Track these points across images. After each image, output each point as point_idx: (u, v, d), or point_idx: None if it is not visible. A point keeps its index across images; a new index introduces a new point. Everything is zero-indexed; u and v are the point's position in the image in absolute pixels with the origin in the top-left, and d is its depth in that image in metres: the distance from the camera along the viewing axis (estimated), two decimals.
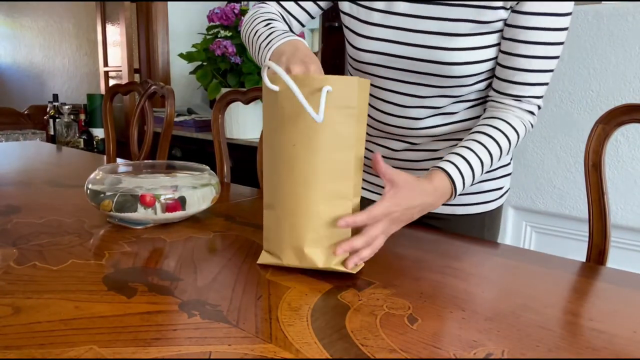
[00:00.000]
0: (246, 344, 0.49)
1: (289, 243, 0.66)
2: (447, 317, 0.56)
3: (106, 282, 0.63)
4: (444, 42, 0.80)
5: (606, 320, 0.56)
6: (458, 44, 0.80)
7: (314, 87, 0.62)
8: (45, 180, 1.22)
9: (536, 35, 0.78)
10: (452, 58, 0.80)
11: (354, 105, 0.63)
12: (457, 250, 0.80)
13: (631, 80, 1.52)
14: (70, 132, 3.19)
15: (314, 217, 0.64)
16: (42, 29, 4.75)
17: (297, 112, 0.62)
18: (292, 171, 0.64)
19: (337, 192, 0.64)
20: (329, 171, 0.64)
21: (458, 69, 0.81)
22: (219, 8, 2.18)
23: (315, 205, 0.64)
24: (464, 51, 0.80)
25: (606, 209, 0.83)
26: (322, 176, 0.64)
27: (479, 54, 0.81)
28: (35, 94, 4.86)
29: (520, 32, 0.78)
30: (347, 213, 0.65)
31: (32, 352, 0.46)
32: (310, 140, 0.63)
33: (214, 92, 2.16)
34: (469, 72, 0.82)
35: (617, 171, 1.57)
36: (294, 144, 0.63)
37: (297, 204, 0.65)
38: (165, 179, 0.92)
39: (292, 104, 0.62)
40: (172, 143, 2.40)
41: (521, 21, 0.78)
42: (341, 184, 0.64)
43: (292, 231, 0.65)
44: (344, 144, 0.63)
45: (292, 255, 0.66)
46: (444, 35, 0.80)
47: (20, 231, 0.82)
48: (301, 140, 0.63)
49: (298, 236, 0.65)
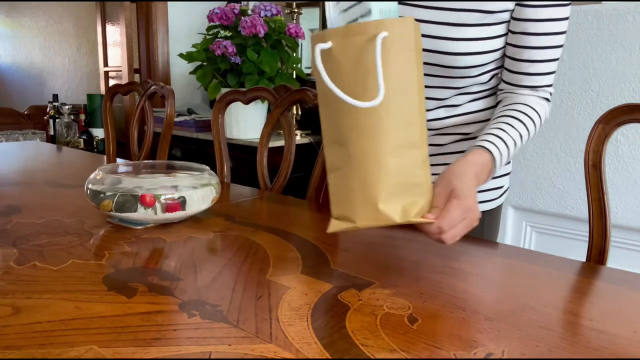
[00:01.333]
0: (246, 344, 0.49)
1: (361, 202, 0.63)
2: (447, 317, 0.56)
3: (106, 282, 0.63)
4: (449, 32, 0.81)
5: (606, 320, 0.55)
6: (463, 34, 0.81)
7: (370, 33, 0.59)
8: (45, 180, 1.22)
9: (546, 26, 0.80)
10: (457, 48, 0.81)
11: (412, 48, 0.61)
12: (457, 250, 0.80)
13: (631, 80, 1.52)
14: (70, 132, 3.19)
15: (384, 170, 0.61)
16: (42, 29, 4.76)
17: (354, 62, 0.60)
18: (356, 124, 0.62)
19: (405, 140, 0.62)
20: (394, 118, 0.61)
21: (463, 59, 0.82)
22: (219, 8, 2.18)
23: (385, 156, 0.61)
24: (469, 41, 0.82)
25: (606, 208, 0.83)
26: (387, 124, 0.61)
27: (484, 45, 0.83)
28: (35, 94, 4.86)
29: (532, 24, 0.80)
30: (417, 164, 0.63)
31: (32, 352, 0.46)
32: (372, 88, 0.60)
33: (214, 92, 2.16)
34: (474, 63, 0.83)
35: (617, 171, 1.57)
36: (355, 95, 0.60)
37: (366, 157, 0.62)
38: (165, 179, 0.92)
39: (348, 56, 0.60)
40: (172, 143, 2.40)
41: (531, 14, 0.80)
42: (408, 131, 0.62)
43: (363, 189, 0.62)
44: (407, 89, 0.61)
45: (366, 214, 0.63)
46: (450, 25, 0.81)
47: (20, 231, 0.82)
48: (363, 90, 0.60)
49: (370, 193, 0.62)
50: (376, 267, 0.70)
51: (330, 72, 0.61)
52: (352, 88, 0.60)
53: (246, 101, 1.33)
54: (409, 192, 0.63)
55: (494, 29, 0.82)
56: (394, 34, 0.59)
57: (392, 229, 0.90)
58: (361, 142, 0.62)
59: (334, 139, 0.65)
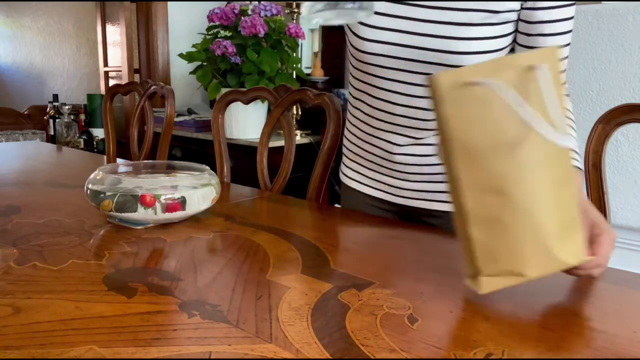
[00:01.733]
0: (246, 344, 0.49)
1: (533, 252, 0.57)
2: (447, 317, 0.56)
3: (106, 282, 0.63)
4: (455, 32, 0.82)
5: (606, 320, 0.55)
6: (469, 34, 0.82)
7: (524, 65, 0.53)
8: (45, 180, 1.22)
9: (561, 26, 0.83)
10: (462, 47, 0.82)
11: (560, 80, 0.56)
12: (457, 249, 0.80)
13: (631, 80, 1.52)
14: (70, 132, 3.19)
15: (553, 213, 0.56)
16: (42, 29, 4.76)
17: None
18: (522, 168, 0.55)
19: (563, 176, 0.57)
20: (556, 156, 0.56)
21: (468, 59, 0.83)
22: (219, 8, 2.18)
23: (552, 198, 0.56)
24: (474, 40, 0.82)
25: (606, 208, 0.83)
26: (552, 162, 0.56)
27: (489, 44, 0.84)
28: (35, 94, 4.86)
29: (548, 26, 0.83)
30: (573, 200, 0.59)
31: (32, 352, 0.46)
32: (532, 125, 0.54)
33: (214, 92, 2.16)
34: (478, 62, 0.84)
35: (617, 171, 1.57)
36: (499, 136, 0.54)
37: (535, 203, 0.55)
38: (165, 179, 0.92)
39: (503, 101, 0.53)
40: (172, 143, 2.40)
41: (544, 16, 0.82)
42: (565, 165, 0.58)
43: (535, 238, 0.56)
44: (558, 121, 0.55)
45: (539, 264, 0.57)
46: (456, 25, 0.82)
47: (20, 231, 0.82)
48: (514, 128, 0.54)
49: (543, 240, 0.56)
50: (376, 267, 0.70)
51: (463, 113, 0.54)
52: (501, 127, 0.54)
53: (246, 101, 1.33)
54: (572, 232, 0.59)
55: (499, 28, 0.84)
56: (551, 66, 0.54)
57: (392, 229, 0.90)
58: (529, 188, 0.55)
59: (483, 188, 0.57)
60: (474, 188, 0.57)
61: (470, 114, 0.54)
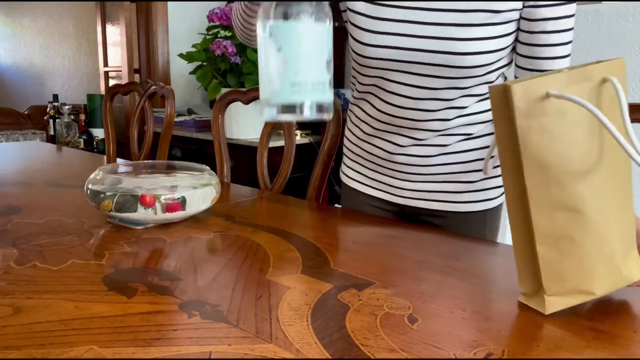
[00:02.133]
0: (246, 344, 0.49)
1: (605, 271, 0.56)
2: (447, 317, 0.56)
3: (106, 282, 0.63)
4: (458, 33, 0.82)
5: (606, 320, 0.55)
6: (472, 34, 0.82)
7: (599, 78, 0.52)
8: (45, 180, 1.22)
9: (564, 23, 0.84)
10: (466, 48, 0.82)
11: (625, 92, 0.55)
12: (458, 249, 0.80)
13: (631, 80, 1.52)
14: (70, 132, 3.19)
15: (620, 230, 0.56)
16: (42, 29, 4.76)
17: (583, 113, 0.52)
18: (601, 185, 0.54)
19: (628, 180, 0.56)
20: (626, 170, 0.56)
21: (471, 59, 0.83)
22: (219, 8, 2.18)
23: (619, 215, 0.56)
24: (477, 41, 0.83)
25: None
26: (623, 177, 0.56)
27: (491, 44, 0.84)
28: (35, 94, 4.87)
29: (551, 22, 0.83)
30: (632, 214, 0.59)
31: (32, 352, 0.46)
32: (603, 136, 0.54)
33: (214, 92, 2.16)
34: (481, 62, 0.84)
35: None
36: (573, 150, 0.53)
37: (607, 221, 0.55)
38: (165, 179, 0.92)
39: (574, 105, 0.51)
40: (172, 143, 2.40)
41: (548, 13, 0.83)
42: (628, 179, 0.57)
43: (607, 256, 0.56)
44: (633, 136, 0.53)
45: (608, 282, 0.57)
46: (459, 26, 0.82)
47: (20, 231, 0.82)
48: (598, 144, 0.53)
49: (613, 258, 0.56)
50: (376, 267, 0.70)
51: (538, 126, 0.52)
52: (577, 143, 0.53)
53: (246, 101, 1.33)
54: (631, 247, 0.59)
55: (501, 27, 0.84)
56: (620, 79, 0.53)
57: (392, 229, 0.90)
58: (603, 206, 0.55)
59: (554, 204, 0.54)
60: (545, 204, 0.54)
61: (544, 127, 0.52)
